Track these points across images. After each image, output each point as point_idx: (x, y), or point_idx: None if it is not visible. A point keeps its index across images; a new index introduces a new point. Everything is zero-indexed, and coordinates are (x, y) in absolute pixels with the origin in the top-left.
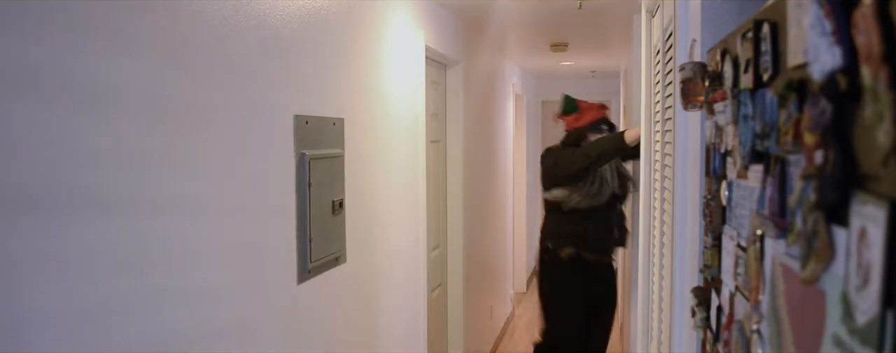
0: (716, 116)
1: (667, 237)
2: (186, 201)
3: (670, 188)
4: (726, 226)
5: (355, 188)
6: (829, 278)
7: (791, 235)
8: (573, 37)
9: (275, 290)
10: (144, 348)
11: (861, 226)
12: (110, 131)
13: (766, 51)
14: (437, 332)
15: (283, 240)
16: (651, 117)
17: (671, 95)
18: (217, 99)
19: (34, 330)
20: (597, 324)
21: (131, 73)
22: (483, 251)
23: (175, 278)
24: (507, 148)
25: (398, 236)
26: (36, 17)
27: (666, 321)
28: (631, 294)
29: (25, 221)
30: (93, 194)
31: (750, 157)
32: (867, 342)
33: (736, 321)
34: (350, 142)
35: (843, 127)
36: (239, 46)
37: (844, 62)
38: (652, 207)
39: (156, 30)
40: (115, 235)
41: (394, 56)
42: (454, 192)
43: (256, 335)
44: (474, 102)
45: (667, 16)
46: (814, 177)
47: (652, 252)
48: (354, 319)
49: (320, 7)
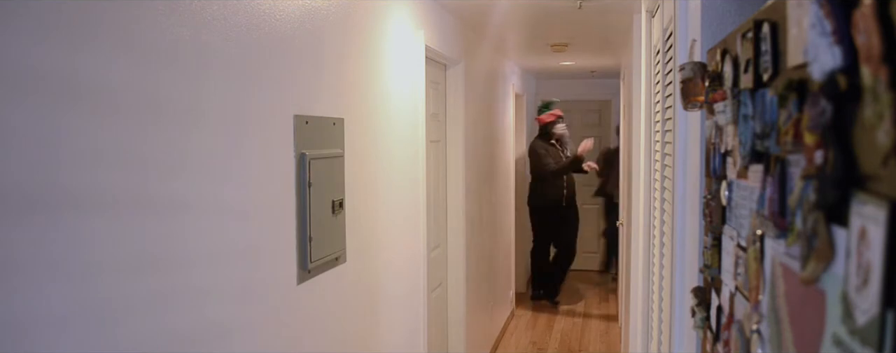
0: (716, 116)
1: (667, 237)
2: (186, 201)
3: (670, 188)
4: (726, 226)
5: (355, 188)
6: (829, 278)
7: (791, 235)
8: (573, 37)
9: (275, 290)
10: (144, 348)
11: (861, 226)
12: (109, 131)
13: (766, 51)
14: (437, 332)
15: (282, 240)
16: (651, 117)
17: (671, 95)
18: (217, 99)
19: (34, 331)
20: (557, 244)
21: (131, 72)
22: (483, 251)
23: (175, 278)
24: (507, 148)
25: (398, 236)
26: (36, 17)
27: (666, 321)
28: (631, 294)
29: (25, 221)
30: (92, 195)
31: (750, 157)
32: (867, 342)
33: (736, 321)
34: (350, 142)
35: (843, 127)
36: (239, 46)
37: (844, 62)
38: (652, 207)
39: (155, 30)
40: (115, 235)
41: (394, 56)
42: (454, 192)
43: (256, 335)
44: (474, 102)
45: (667, 16)
46: (814, 177)
47: (652, 252)
48: (354, 319)
49: (320, 7)
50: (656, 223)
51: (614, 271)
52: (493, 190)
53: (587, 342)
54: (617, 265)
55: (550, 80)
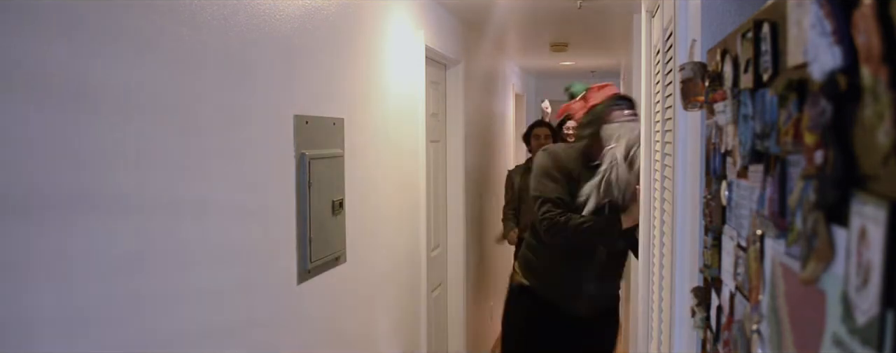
0: (716, 116)
1: (667, 237)
2: (185, 201)
3: (670, 188)
4: (726, 226)
5: (355, 188)
6: (829, 278)
7: (791, 235)
8: (573, 37)
9: (275, 290)
10: (144, 348)
11: (861, 226)
12: (109, 132)
13: (766, 51)
14: (437, 332)
15: (283, 240)
16: (651, 117)
17: (671, 95)
18: (217, 99)
19: (34, 331)
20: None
21: (132, 73)
22: (483, 251)
23: (175, 278)
24: (508, 148)
25: (398, 236)
26: (44, 21)
27: (666, 321)
28: (631, 294)
29: (25, 221)
30: (92, 195)
31: (750, 157)
32: (867, 342)
33: (736, 321)
34: (350, 142)
35: (843, 127)
36: (239, 46)
37: (844, 62)
38: (652, 207)
39: (156, 30)
40: (115, 235)
41: (394, 56)
42: (454, 192)
43: (256, 335)
44: (474, 102)
45: (667, 16)
46: (814, 177)
47: (652, 252)
48: (354, 319)
49: (320, 7)
50: (656, 223)
51: None
52: (493, 190)
53: None
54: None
55: (550, 80)
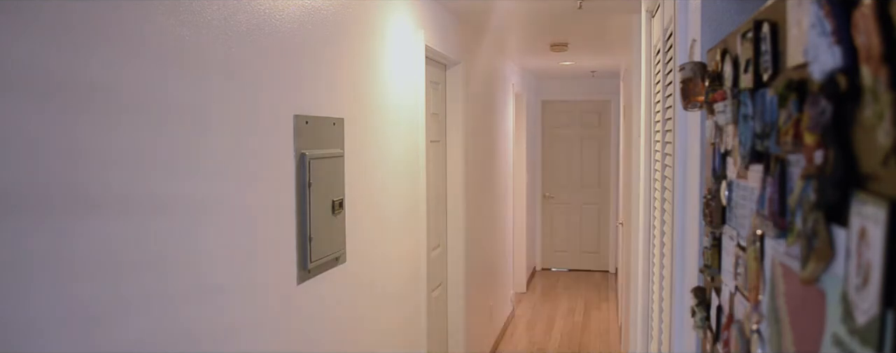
0: (716, 116)
1: (667, 237)
2: (186, 201)
3: (670, 188)
4: (726, 226)
5: (355, 188)
6: (829, 278)
7: (791, 235)
8: (573, 37)
9: (274, 290)
10: (144, 348)
11: (861, 226)
12: (110, 132)
13: (766, 51)
14: (437, 332)
15: (282, 240)
16: (651, 117)
17: (671, 95)
18: (217, 99)
19: (34, 331)
20: None
21: (132, 73)
22: (483, 251)
23: (175, 277)
24: (507, 148)
25: (398, 236)
26: (44, 22)
27: (666, 321)
28: (631, 294)
29: (25, 221)
30: (93, 195)
31: (750, 157)
32: (867, 342)
33: (736, 321)
34: (350, 142)
35: (843, 127)
36: (239, 46)
37: (844, 62)
38: (652, 207)
39: (156, 30)
40: (115, 235)
41: (394, 56)
42: (454, 192)
43: (256, 335)
44: (474, 102)
45: (667, 16)
46: (814, 177)
47: (652, 252)
48: (354, 319)
49: (320, 7)
50: (656, 223)
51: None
52: (493, 190)
53: (587, 342)
54: None
55: (550, 80)
